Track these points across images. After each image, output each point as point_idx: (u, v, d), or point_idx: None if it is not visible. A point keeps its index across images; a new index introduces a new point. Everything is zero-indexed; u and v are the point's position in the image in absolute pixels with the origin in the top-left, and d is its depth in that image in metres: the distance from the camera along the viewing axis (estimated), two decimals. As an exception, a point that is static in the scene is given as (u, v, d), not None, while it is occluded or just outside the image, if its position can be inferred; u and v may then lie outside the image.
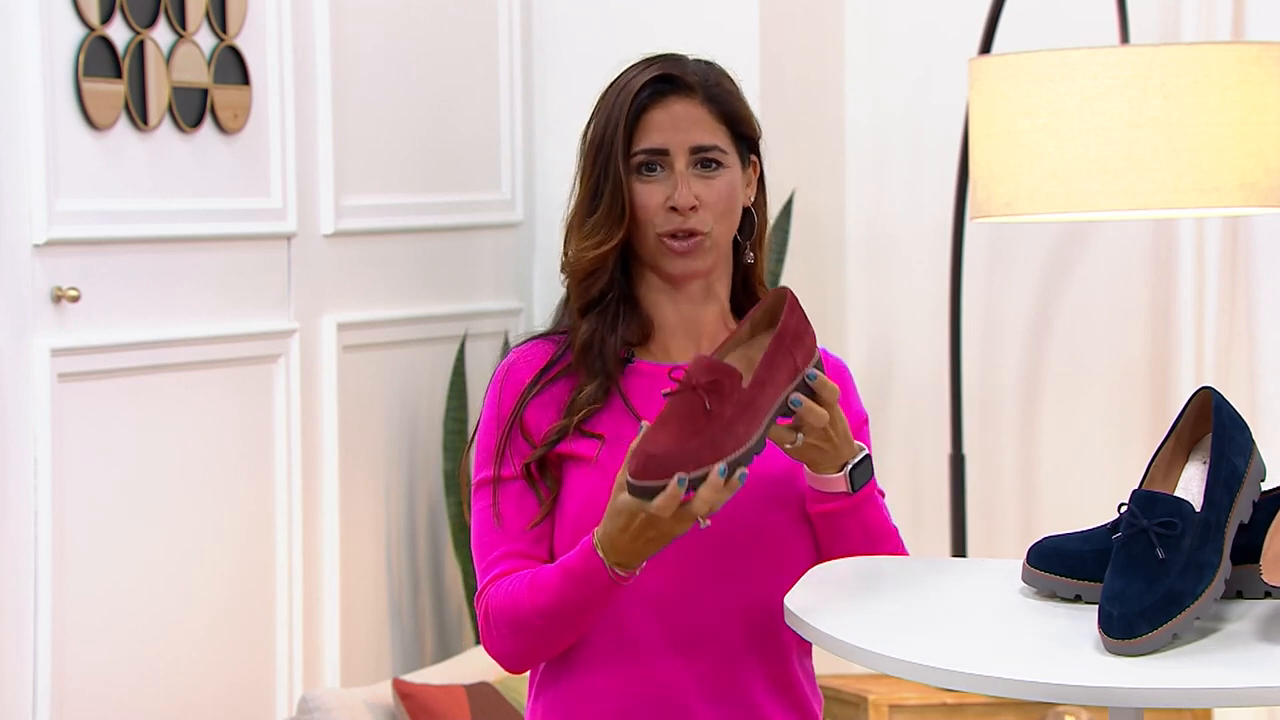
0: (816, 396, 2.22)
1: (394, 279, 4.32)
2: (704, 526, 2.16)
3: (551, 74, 4.69)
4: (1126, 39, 4.10)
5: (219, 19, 3.85)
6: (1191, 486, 2.10)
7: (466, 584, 4.33)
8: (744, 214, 2.41)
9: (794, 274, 4.53)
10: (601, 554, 2.20)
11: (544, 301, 4.65)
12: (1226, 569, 2.01)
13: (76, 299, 3.53)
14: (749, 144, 2.42)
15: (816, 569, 2.28)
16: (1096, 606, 1.99)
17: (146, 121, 3.69)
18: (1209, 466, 2.08)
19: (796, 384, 2.21)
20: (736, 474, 2.13)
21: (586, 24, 4.66)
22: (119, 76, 3.63)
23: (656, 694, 2.33)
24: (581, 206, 2.39)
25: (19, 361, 3.47)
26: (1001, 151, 3.71)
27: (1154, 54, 3.62)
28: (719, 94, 2.38)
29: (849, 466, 2.28)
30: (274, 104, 3.98)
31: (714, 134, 2.37)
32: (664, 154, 2.35)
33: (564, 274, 2.41)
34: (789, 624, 2.15)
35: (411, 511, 4.35)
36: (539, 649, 2.34)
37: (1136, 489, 2.06)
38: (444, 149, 4.46)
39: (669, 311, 2.41)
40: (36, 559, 3.47)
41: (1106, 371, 4.62)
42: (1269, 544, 2.01)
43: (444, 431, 4.31)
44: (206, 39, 3.83)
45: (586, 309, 2.39)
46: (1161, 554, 1.99)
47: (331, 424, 4.11)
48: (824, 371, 2.26)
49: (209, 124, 3.83)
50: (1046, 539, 2.15)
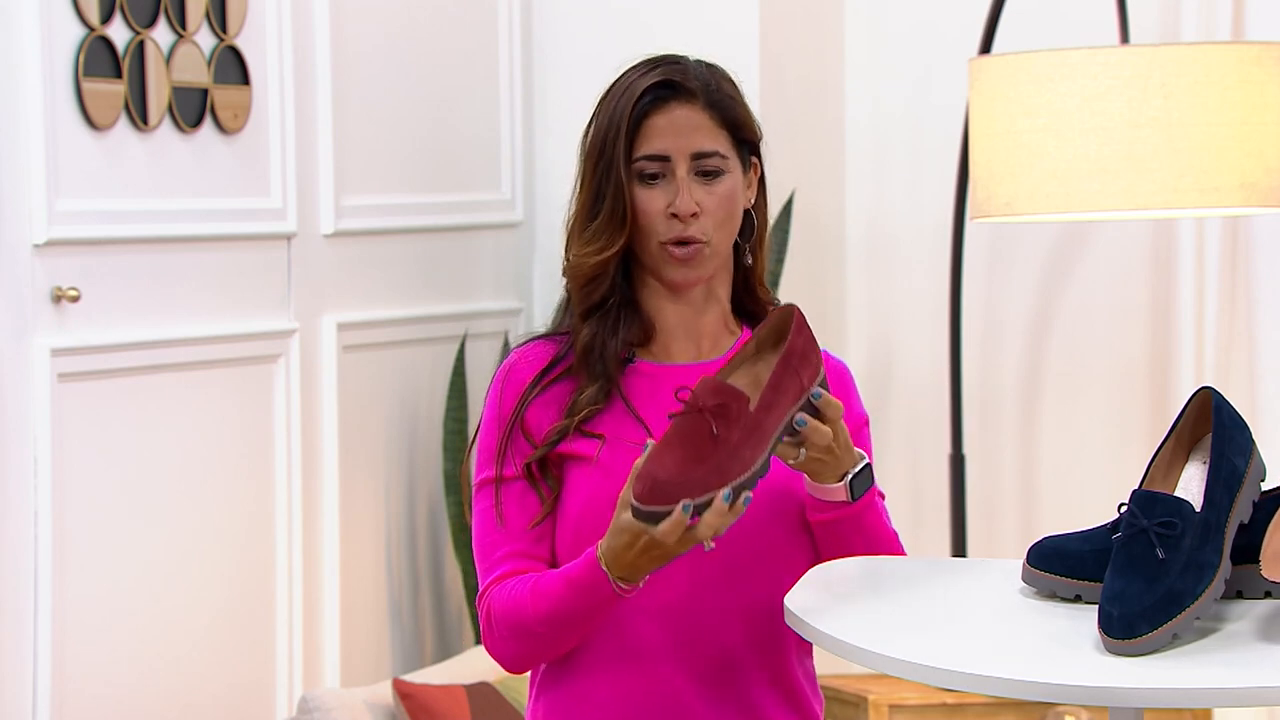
0: (821, 414, 2.22)
1: (394, 279, 4.31)
2: (708, 549, 2.16)
3: (551, 74, 4.69)
4: (1126, 39, 4.10)
5: (219, 19, 3.85)
6: (1191, 486, 2.10)
7: (466, 584, 4.33)
8: (744, 216, 2.41)
9: (794, 274, 4.53)
10: (605, 567, 2.20)
11: (544, 301, 4.65)
12: (1226, 569, 2.01)
13: (76, 299, 3.53)
14: (750, 147, 2.42)
15: (816, 569, 2.28)
16: (1096, 606, 1.99)
17: (146, 121, 3.69)
18: (1209, 466, 2.08)
19: (802, 403, 2.20)
20: (741, 498, 2.13)
21: (586, 24, 4.65)
22: (119, 76, 3.63)
23: (657, 695, 2.33)
24: (583, 211, 2.38)
25: (19, 361, 3.47)
26: (1001, 151, 3.71)
27: (1154, 54, 3.62)
28: (720, 99, 2.38)
29: (849, 476, 2.28)
30: (274, 104, 3.98)
31: (715, 139, 2.37)
32: (665, 160, 2.35)
33: (565, 278, 2.41)
34: (789, 624, 2.15)
35: (411, 511, 4.35)
36: (540, 653, 2.34)
37: (1136, 489, 2.06)
38: (444, 149, 4.45)
39: (670, 315, 2.41)
40: (36, 559, 3.47)
41: (1106, 371, 4.62)
42: (1269, 541, 2.01)
43: (444, 431, 4.31)
44: (206, 39, 3.83)
45: (588, 313, 2.39)
46: (1161, 554, 1.99)
47: (331, 424, 4.11)
48: (827, 382, 2.25)
49: (209, 124, 3.83)
50: (1046, 539, 2.15)
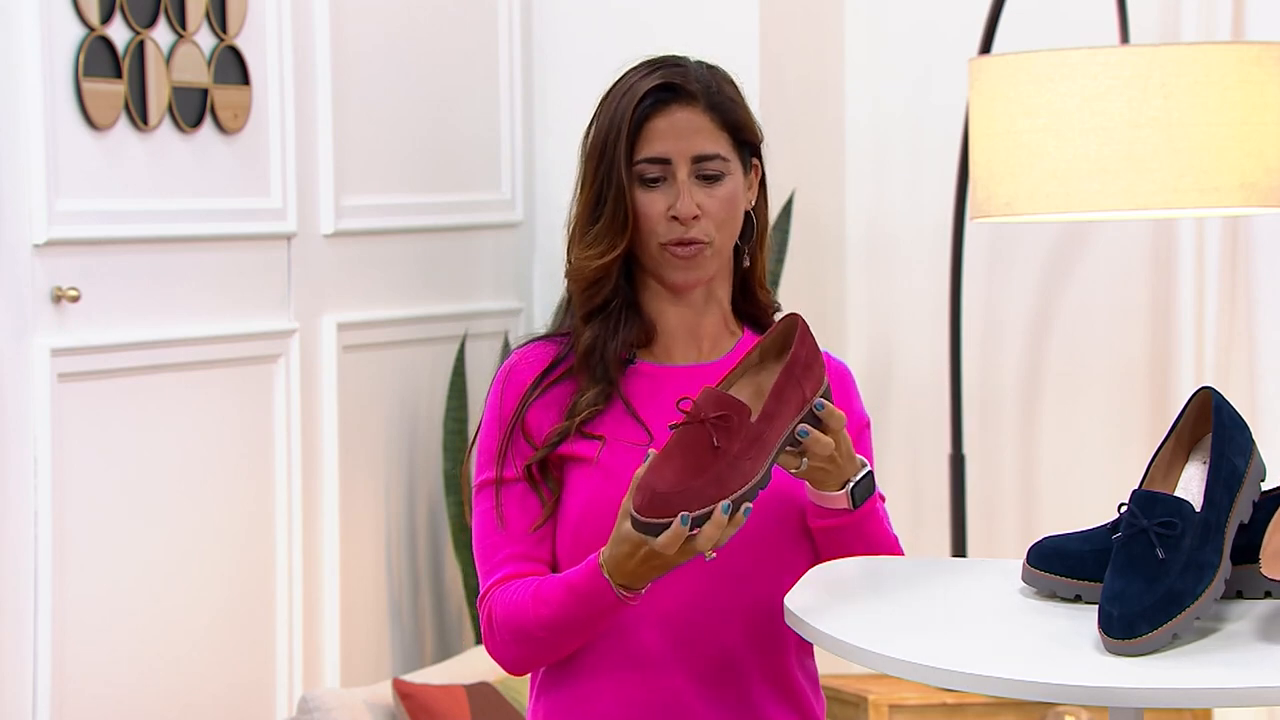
0: (823, 425, 2.21)
1: (394, 279, 4.31)
2: (709, 559, 2.16)
3: (551, 74, 4.69)
4: (1126, 39, 4.10)
5: (219, 19, 3.84)
6: (1191, 486, 2.10)
7: (466, 584, 4.33)
8: (745, 217, 2.41)
9: (794, 274, 4.53)
10: (608, 575, 2.20)
11: (544, 301, 4.65)
12: (1226, 569, 2.01)
13: (76, 299, 3.53)
14: (751, 148, 2.41)
15: (816, 569, 2.28)
16: (1096, 606, 1.99)
17: (146, 121, 3.68)
18: (1209, 466, 2.08)
19: (804, 414, 2.20)
20: (741, 509, 2.13)
21: (586, 24, 4.65)
22: (119, 76, 3.63)
23: (657, 697, 2.33)
24: (584, 214, 2.38)
25: (19, 361, 3.47)
26: (1001, 151, 3.71)
27: (1154, 54, 3.62)
28: (721, 101, 2.38)
29: (851, 484, 2.28)
30: (274, 104, 3.98)
31: (716, 142, 2.36)
32: (666, 163, 2.35)
33: (567, 280, 2.41)
34: (789, 624, 2.15)
35: (411, 511, 4.35)
36: (541, 656, 2.34)
37: (1136, 489, 2.06)
38: (444, 149, 4.45)
39: (671, 316, 2.41)
40: (36, 559, 3.47)
41: (1106, 371, 4.62)
42: (1268, 540, 2.01)
43: (444, 431, 4.31)
44: (206, 39, 3.83)
45: (590, 315, 2.39)
46: (1161, 554, 1.99)
47: (331, 424, 4.11)
48: (830, 392, 2.24)
49: (209, 124, 3.83)
50: (1046, 539, 2.15)
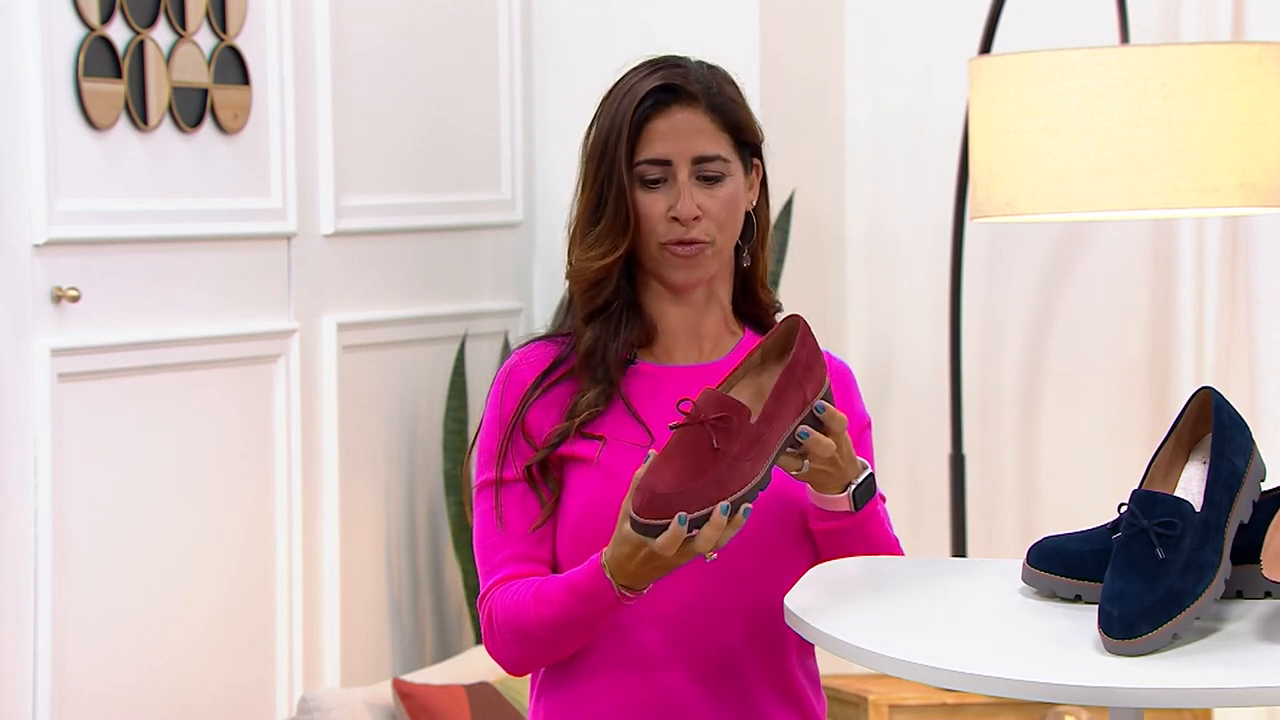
0: (824, 427, 2.21)
1: (394, 279, 4.31)
2: (709, 560, 2.16)
3: (551, 74, 4.69)
4: (1126, 39, 4.10)
5: (219, 19, 3.84)
6: (1191, 486, 2.10)
7: (466, 584, 4.33)
8: (745, 217, 2.41)
9: (794, 274, 4.53)
10: (610, 576, 2.20)
11: (544, 301, 4.65)
12: (1226, 569, 2.01)
13: (76, 299, 3.53)
14: (752, 149, 2.41)
15: (816, 569, 2.28)
16: (1096, 606, 1.99)
17: (146, 121, 3.68)
18: (1209, 466, 2.08)
19: (805, 415, 2.20)
20: (740, 511, 2.12)
21: (586, 24, 4.65)
22: (119, 76, 3.63)
23: (658, 697, 2.33)
24: (585, 215, 2.38)
25: (19, 361, 3.47)
26: (1001, 151, 3.71)
27: (1154, 54, 3.62)
28: (722, 102, 2.37)
29: (853, 487, 2.27)
30: (274, 104, 3.98)
31: (717, 143, 2.36)
32: (667, 164, 2.35)
33: (568, 281, 2.41)
34: (789, 624, 2.15)
35: (411, 511, 4.35)
36: (542, 656, 2.34)
37: (1136, 489, 2.06)
38: (444, 149, 4.45)
39: (672, 316, 2.41)
40: (36, 559, 3.47)
41: (1106, 371, 4.62)
42: (1269, 541, 2.01)
43: (444, 431, 4.31)
44: (206, 39, 3.82)
45: (591, 316, 2.39)
46: (1161, 554, 1.99)
47: (331, 424, 4.11)
48: (831, 394, 2.24)
49: (209, 124, 3.83)
50: (1046, 539, 2.15)
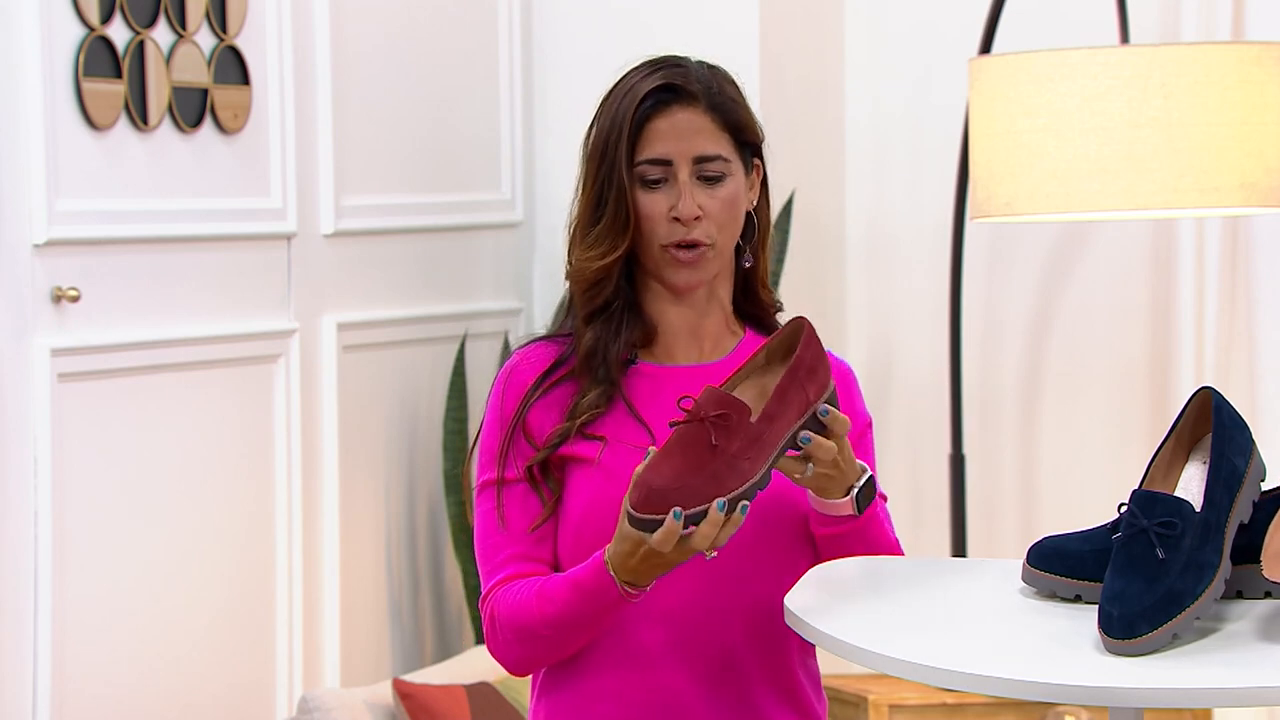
0: (827, 430, 2.21)
1: (394, 279, 4.31)
2: (709, 558, 2.16)
3: (551, 74, 4.69)
4: (1126, 39, 4.10)
5: (219, 19, 3.84)
6: (1191, 486, 2.10)
7: (466, 584, 4.33)
8: (746, 217, 2.41)
9: (794, 274, 4.53)
10: (612, 573, 2.20)
11: (544, 301, 4.65)
12: (1226, 569, 2.01)
13: (76, 299, 3.53)
14: (752, 149, 2.41)
15: (816, 569, 2.28)
16: (1096, 606, 1.99)
17: (146, 121, 3.68)
18: (1209, 466, 2.08)
19: (808, 418, 2.19)
20: (738, 508, 2.12)
21: (586, 24, 4.65)
22: (119, 76, 3.63)
23: (659, 697, 2.33)
24: (585, 215, 2.38)
25: (19, 361, 3.47)
26: (1001, 151, 3.71)
27: (1154, 54, 3.62)
28: (722, 102, 2.37)
29: (855, 490, 2.27)
30: (274, 104, 3.98)
31: (717, 143, 2.36)
32: (667, 164, 2.35)
33: (568, 282, 2.41)
34: (789, 624, 2.15)
35: (411, 511, 4.35)
36: (544, 656, 2.34)
37: (1136, 489, 2.06)
38: (444, 149, 4.45)
39: (673, 317, 2.41)
40: (36, 559, 3.47)
41: (1106, 371, 4.62)
42: (1269, 541, 2.01)
43: (444, 431, 4.31)
44: (206, 39, 3.82)
45: (591, 316, 2.38)
46: (1161, 554, 1.99)
47: (331, 424, 4.11)
48: (836, 398, 2.23)
49: (209, 124, 3.83)
50: (1046, 539, 2.15)
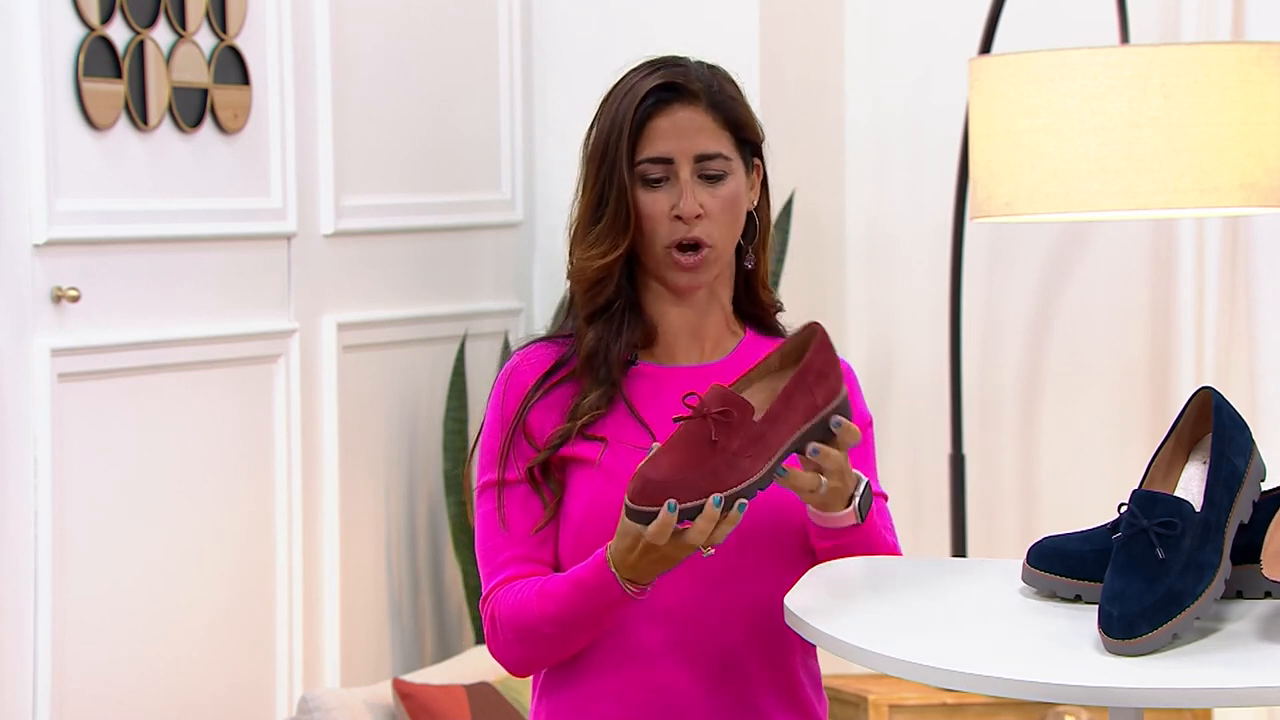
0: (836, 441, 2.20)
1: (394, 279, 4.31)
2: (706, 555, 2.16)
3: (551, 74, 4.69)
4: (1126, 39, 4.10)
5: (219, 19, 3.84)
6: (1191, 486, 2.10)
7: (466, 584, 4.33)
8: (747, 217, 2.41)
9: (794, 274, 4.53)
10: (614, 569, 2.20)
11: (544, 301, 4.65)
12: (1226, 569, 2.01)
13: (76, 299, 3.53)
14: (752, 148, 2.41)
15: (816, 569, 2.28)
16: (1096, 606, 1.99)
17: (146, 121, 3.68)
18: (1209, 466, 2.08)
19: (817, 426, 2.19)
20: (735, 506, 2.12)
21: (586, 24, 4.65)
22: (119, 76, 3.63)
23: (659, 698, 2.33)
24: (586, 214, 2.37)
25: (19, 361, 3.47)
26: (1001, 151, 3.71)
27: (1154, 54, 3.62)
28: (723, 100, 2.38)
29: (856, 499, 2.26)
30: (274, 104, 3.98)
31: (718, 141, 2.36)
32: (669, 162, 2.35)
33: (570, 281, 2.40)
34: (789, 624, 2.15)
35: (411, 511, 4.35)
36: (545, 655, 2.34)
37: (1136, 489, 2.06)
38: (444, 149, 4.45)
39: (674, 317, 2.40)
40: (36, 559, 3.47)
41: (1106, 371, 4.62)
42: (1269, 541, 2.01)
43: (444, 431, 4.31)
44: (206, 39, 3.82)
45: (593, 316, 2.38)
46: (1161, 554, 1.99)
47: (331, 424, 4.11)
48: (849, 409, 2.22)
49: (209, 124, 3.83)
50: (1046, 539, 2.15)
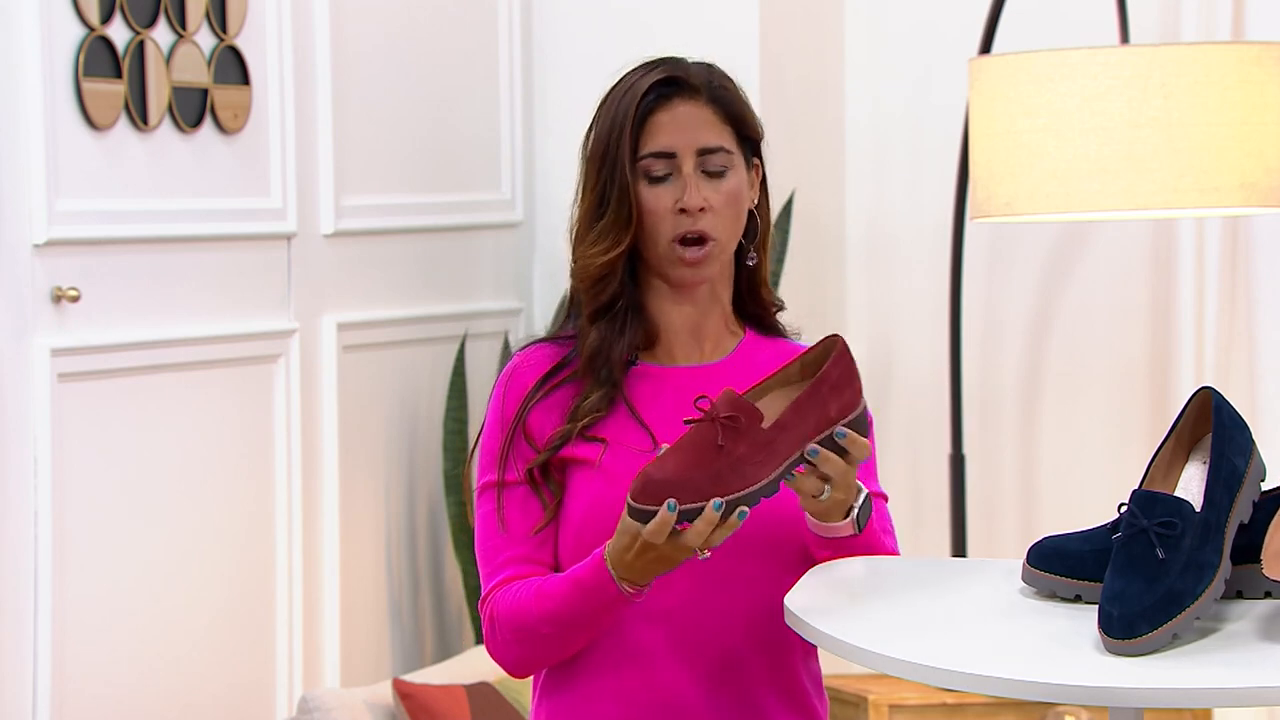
0: (848, 455, 2.19)
1: (394, 279, 4.31)
2: (702, 558, 2.15)
3: (551, 74, 4.69)
4: (1126, 39, 4.10)
5: (219, 19, 3.84)
6: (1191, 486, 2.10)
7: (466, 584, 4.33)
8: (748, 216, 2.41)
9: (794, 274, 4.53)
10: (610, 569, 2.20)
11: (544, 301, 4.65)
12: (1226, 569, 2.01)
13: (76, 299, 3.53)
14: (752, 146, 2.42)
15: (816, 569, 2.28)
16: (1096, 606, 1.99)
17: (146, 121, 3.68)
18: (1209, 466, 2.08)
19: (826, 437, 2.18)
20: (735, 513, 2.12)
21: (586, 24, 4.65)
22: (119, 76, 3.63)
23: (660, 698, 2.33)
24: (588, 213, 2.37)
25: (19, 361, 3.47)
26: (1001, 151, 3.71)
27: (1154, 54, 3.61)
28: (723, 95, 2.38)
29: (855, 511, 2.26)
30: (274, 104, 3.98)
31: (720, 135, 2.36)
32: (671, 156, 2.34)
33: (573, 280, 2.39)
34: (789, 624, 2.15)
35: (411, 511, 4.35)
36: (543, 656, 2.34)
37: (1136, 489, 2.06)
38: (444, 149, 4.45)
39: (675, 316, 2.40)
40: (36, 559, 3.47)
41: (1106, 371, 4.62)
42: (1269, 541, 2.01)
43: (444, 431, 4.31)
44: (206, 39, 3.82)
45: (596, 315, 2.38)
46: (1161, 554, 1.99)
47: (331, 424, 4.11)
48: (864, 425, 2.21)
49: (209, 124, 3.83)
50: (1046, 539, 2.15)
